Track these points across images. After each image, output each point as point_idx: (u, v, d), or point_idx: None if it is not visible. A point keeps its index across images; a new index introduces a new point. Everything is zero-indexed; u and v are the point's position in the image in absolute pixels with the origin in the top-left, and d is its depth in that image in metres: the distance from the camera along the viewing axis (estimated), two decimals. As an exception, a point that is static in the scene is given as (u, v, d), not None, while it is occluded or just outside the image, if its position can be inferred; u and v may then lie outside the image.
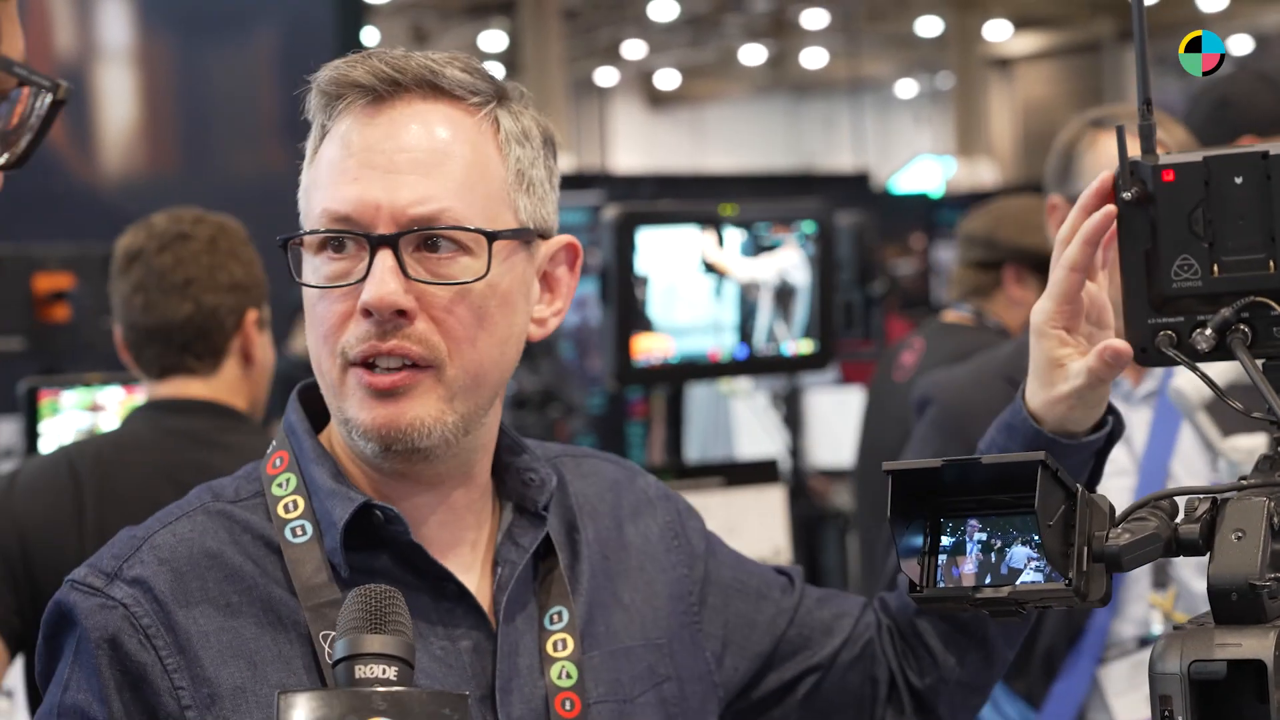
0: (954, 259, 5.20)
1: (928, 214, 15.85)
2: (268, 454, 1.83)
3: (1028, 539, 1.46)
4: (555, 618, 1.82)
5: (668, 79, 32.48)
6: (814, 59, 30.39)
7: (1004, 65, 31.68)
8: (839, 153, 31.81)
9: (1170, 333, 1.62)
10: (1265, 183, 1.58)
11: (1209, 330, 1.59)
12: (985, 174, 26.74)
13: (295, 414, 1.83)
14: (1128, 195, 1.66)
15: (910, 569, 1.49)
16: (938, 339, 4.85)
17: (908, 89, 34.35)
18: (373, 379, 1.71)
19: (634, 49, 29.40)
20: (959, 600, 1.48)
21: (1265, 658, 1.38)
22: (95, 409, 3.93)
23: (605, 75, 31.86)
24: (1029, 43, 30.73)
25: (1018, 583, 1.46)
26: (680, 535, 2.01)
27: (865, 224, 7.34)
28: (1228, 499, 1.47)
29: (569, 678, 1.79)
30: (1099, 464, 1.91)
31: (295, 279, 1.76)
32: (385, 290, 1.69)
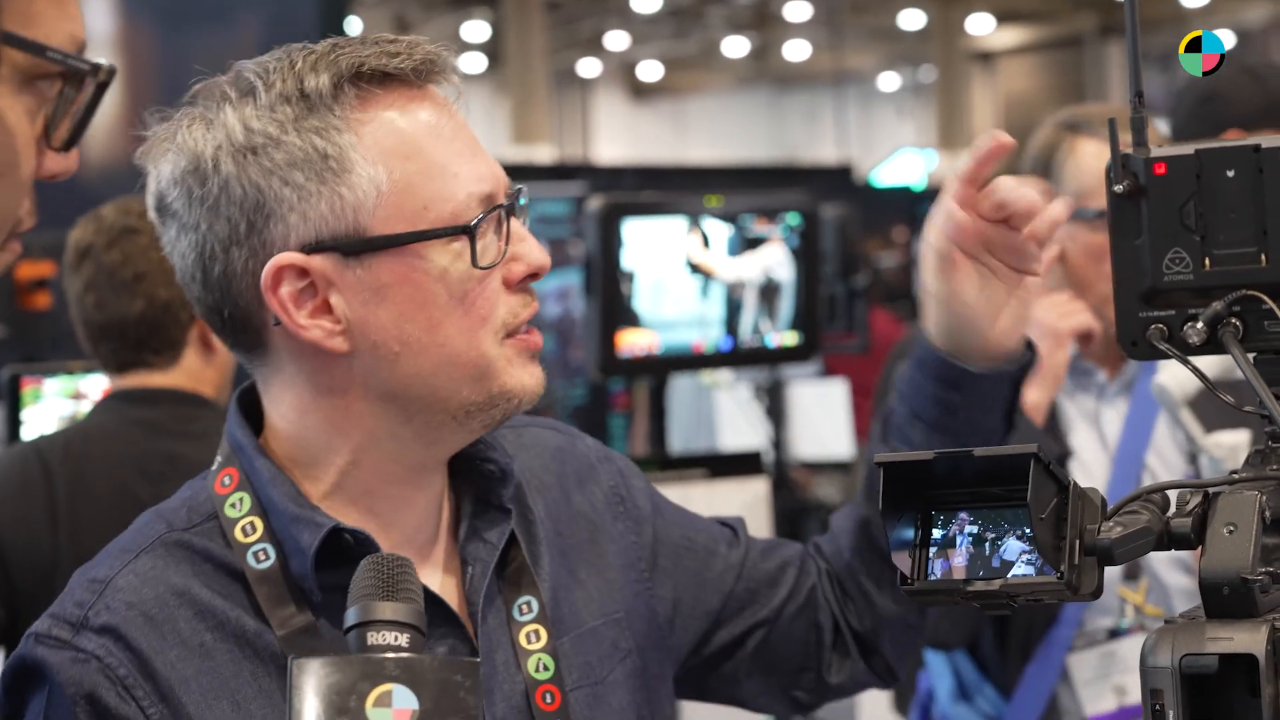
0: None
1: (910, 207, 15.85)
2: (213, 472, 1.77)
3: (1019, 532, 1.45)
4: (524, 608, 1.80)
5: (650, 70, 32.48)
6: (797, 51, 30.40)
7: (986, 59, 31.72)
8: (821, 145, 31.84)
9: (1161, 326, 1.62)
10: (1257, 176, 1.58)
11: (1200, 324, 1.59)
12: (967, 167, 26.75)
13: (240, 430, 1.76)
14: (1119, 188, 1.65)
15: (901, 561, 1.49)
16: None
17: (890, 82, 34.38)
18: (533, 338, 1.74)
19: (617, 40, 29.39)
20: (950, 593, 1.47)
21: (1257, 652, 1.38)
22: (78, 397, 3.91)
23: (588, 66, 31.86)
24: (1011, 36, 30.77)
25: (1009, 575, 1.45)
26: (625, 499, 1.99)
27: (848, 217, 7.35)
28: (1219, 493, 1.47)
29: (546, 670, 1.78)
30: (1016, 397, 1.97)
31: (477, 268, 1.69)
32: (544, 250, 1.74)
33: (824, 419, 7.65)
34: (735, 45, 30.07)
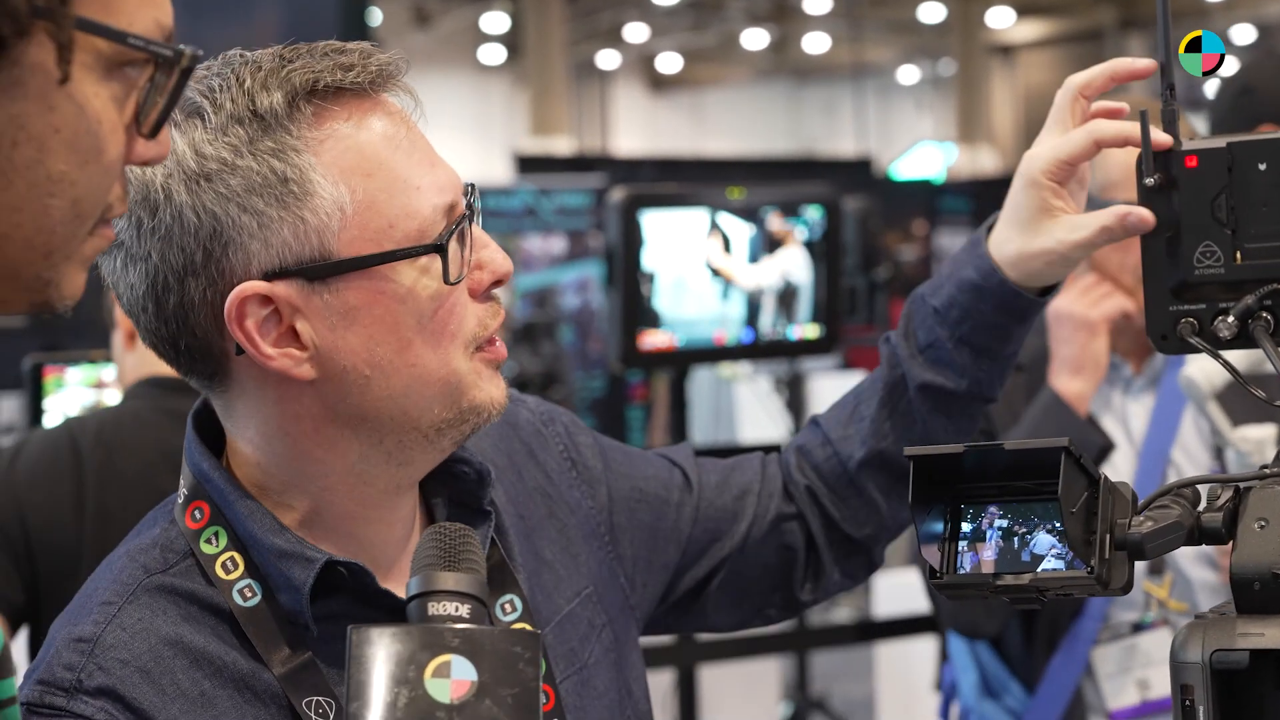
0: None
1: (929, 200, 15.85)
2: (180, 504, 1.69)
3: (1049, 526, 1.45)
4: (508, 607, 1.75)
5: (669, 62, 32.45)
6: (816, 44, 30.36)
7: (1006, 52, 31.66)
8: (840, 138, 31.80)
9: (1192, 320, 1.62)
10: None
11: (1231, 318, 1.58)
12: (986, 161, 26.72)
13: (205, 459, 1.69)
14: (1150, 181, 1.65)
15: (930, 555, 1.48)
16: None
17: (910, 75, 34.33)
18: (498, 350, 1.68)
19: (636, 32, 29.37)
20: (979, 587, 1.46)
21: (1288, 648, 1.37)
22: (100, 385, 3.93)
23: (607, 58, 31.83)
24: (1031, 30, 30.71)
25: (1039, 570, 1.45)
26: (577, 462, 1.94)
27: (869, 210, 7.34)
28: (1250, 488, 1.46)
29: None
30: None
31: (448, 282, 1.62)
32: (506, 256, 1.68)
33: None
34: (754, 38, 30.03)
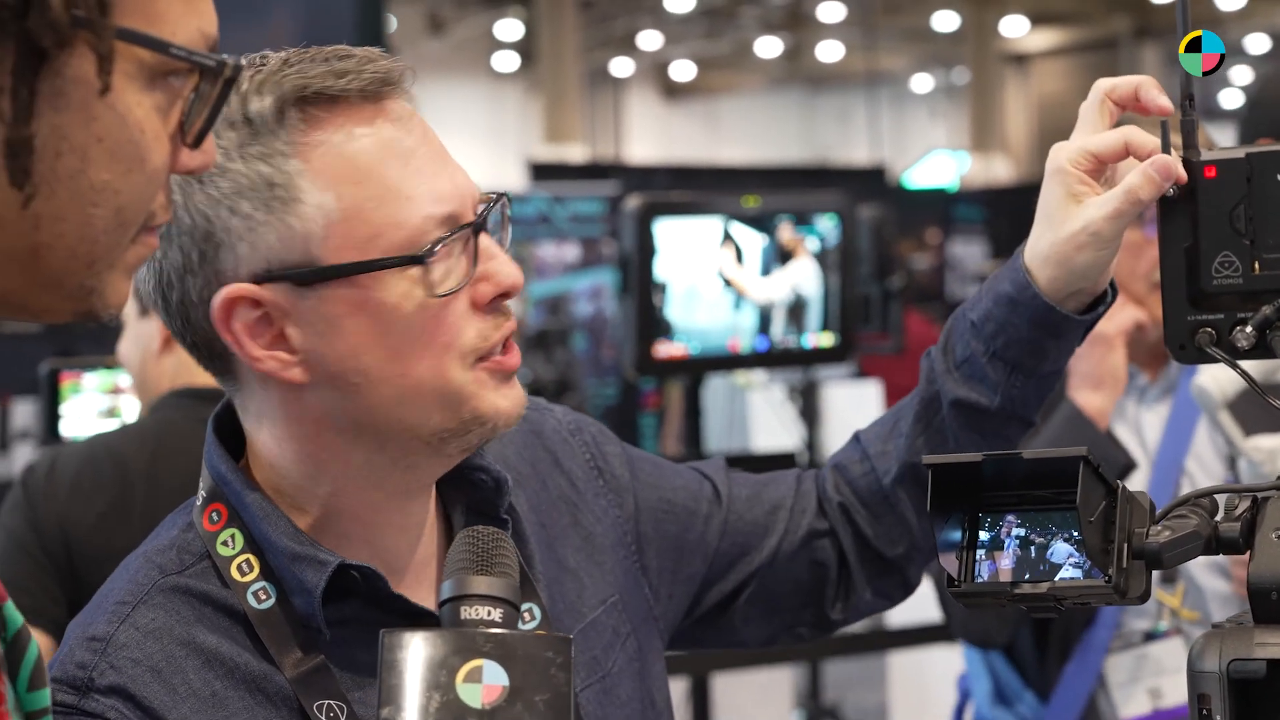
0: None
1: (944, 209, 15.88)
2: (198, 506, 1.70)
3: (1067, 535, 1.45)
4: (526, 615, 1.72)
5: (683, 70, 32.47)
6: (830, 52, 30.37)
7: (1020, 61, 31.66)
8: (854, 146, 31.81)
9: (1210, 330, 1.62)
10: None
11: (1249, 328, 1.59)
12: (1000, 169, 26.73)
13: (222, 460, 1.70)
14: (1170, 191, 1.66)
15: (949, 563, 1.49)
16: None
17: (923, 83, 34.33)
18: (509, 359, 1.66)
19: (650, 40, 29.39)
20: (997, 595, 1.47)
21: (1306, 657, 1.38)
22: (116, 391, 3.94)
23: (621, 66, 31.85)
24: (1045, 38, 30.71)
25: (1056, 578, 1.45)
26: (604, 471, 1.93)
27: (884, 218, 7.34)
28: (1268, 498, 1.47)
29: None
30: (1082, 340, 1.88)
31: (434, 296, 1.60)
32: (516, 268, 1.66)
33: (858, 420, 7.64)
34: (768, 45, 30.04)
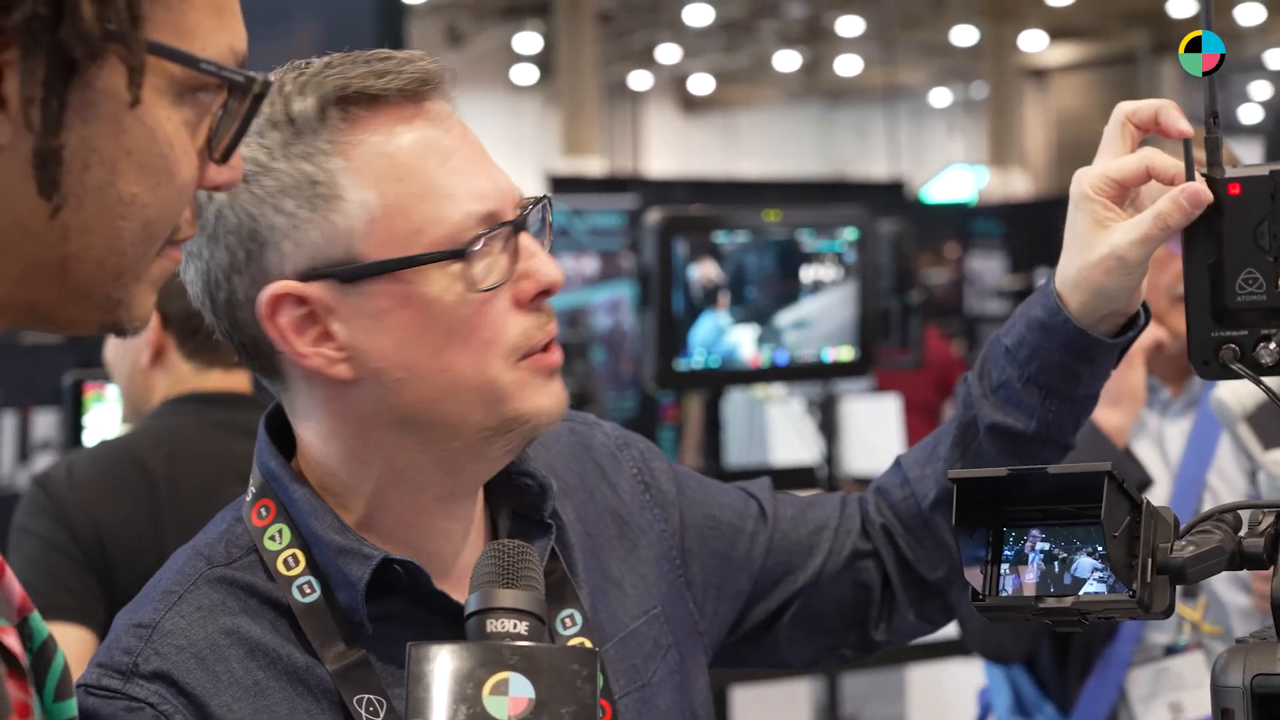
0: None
1: (961, 224, 15.86)
2: (248, 502, 1.72)
3: (1091, 549, 1.46)
4: (568, 621, 1.74)
5: (701, 84, 32.50)
6: (848, 66, 30.39)
7: (1039, 75, 31.65)
8: (872, 161, 31.80)
9: (1234, 346, 1.62)
10: None
11: (1273, 344, 1.59)
12: (1018, 184, 26.71)
13: (273, 457, 1.71)
14: (1194, 210, 1.66)
15: (973, 577, 1.49)
16: None
17: (942, 98, 34.33)
18: (551, 356, 1.67)
19: (668, 53, 29.42)
20: (1021, 610, 1.47)
21: (1330, 673, 1.38)
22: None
23: (639, 79, 31.88)
24: (1064, 53, 30.69)
25: (1080, 593, 1.46)
26: (651, 485, 1.94)
27: (903, 232, 7.34)
28: (1292, 513, 1.47)
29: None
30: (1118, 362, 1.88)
31: (476, 291, 1.62)
32: (557, 266, 1.68)
33: (877, 434, 7.64)
34: (786, 59, 30.06)
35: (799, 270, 4.69)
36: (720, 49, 29.45)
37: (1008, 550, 1.49)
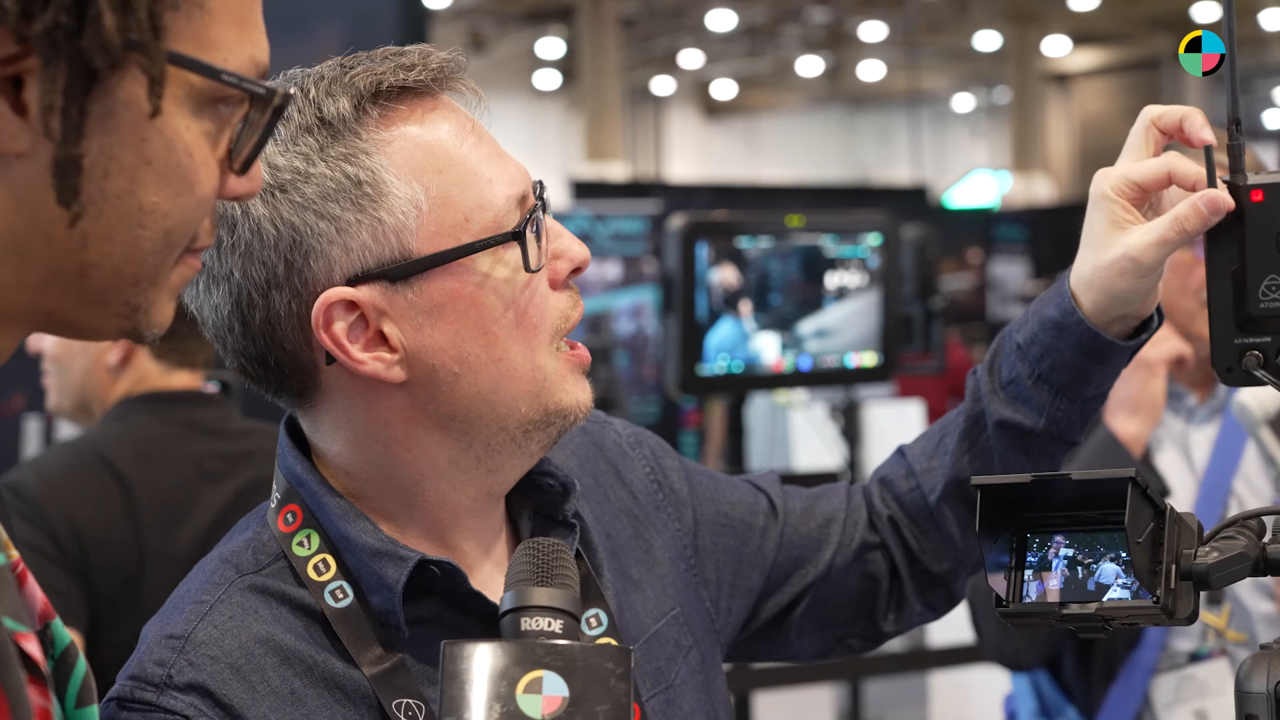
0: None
1: (984, 229, 15.84)
2: (273, 508, 1.70)
3: (1115, 555, 1.46)
4: (593, 621, 1.74)
5: (724, 89, 32.50)
6: (871, 71, 30.36)
7: (1062, 80, 31.59)
8: (895, 166, 31.77)
9: (1257, 353, 1.62)
10: None
11: (1297, 351, 1.59)
12: (1041, 189, 26.66)
13: (299, 462, 1.69)
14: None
15: (996, 584, 1.49)
16: None
17: (965, 103, 34.28)
18: (581, 354, 1.70)
19: (691, 58, 29.42)
20: (1045, 616, 1.47)
21: (1353, 679, 1.38)
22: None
23: (662, 84, 31.89)
24: (1087, 58, 30.63)
25: (1104, 599, 1.46)
26: (664, 485, 1.94)
27: (927, 238, 7.33)
28: (1316, 520, 1.47)
29: None
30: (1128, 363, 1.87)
31: (528, 270, 1.64)
32: (583, 244, 1.69)
33: (899, 440, 7.63)
34: (809, 64, 30.05)
35: (823, 276, 4.68)
36: (743, 54, 29.44)
37: (1031, 556, 1.49)
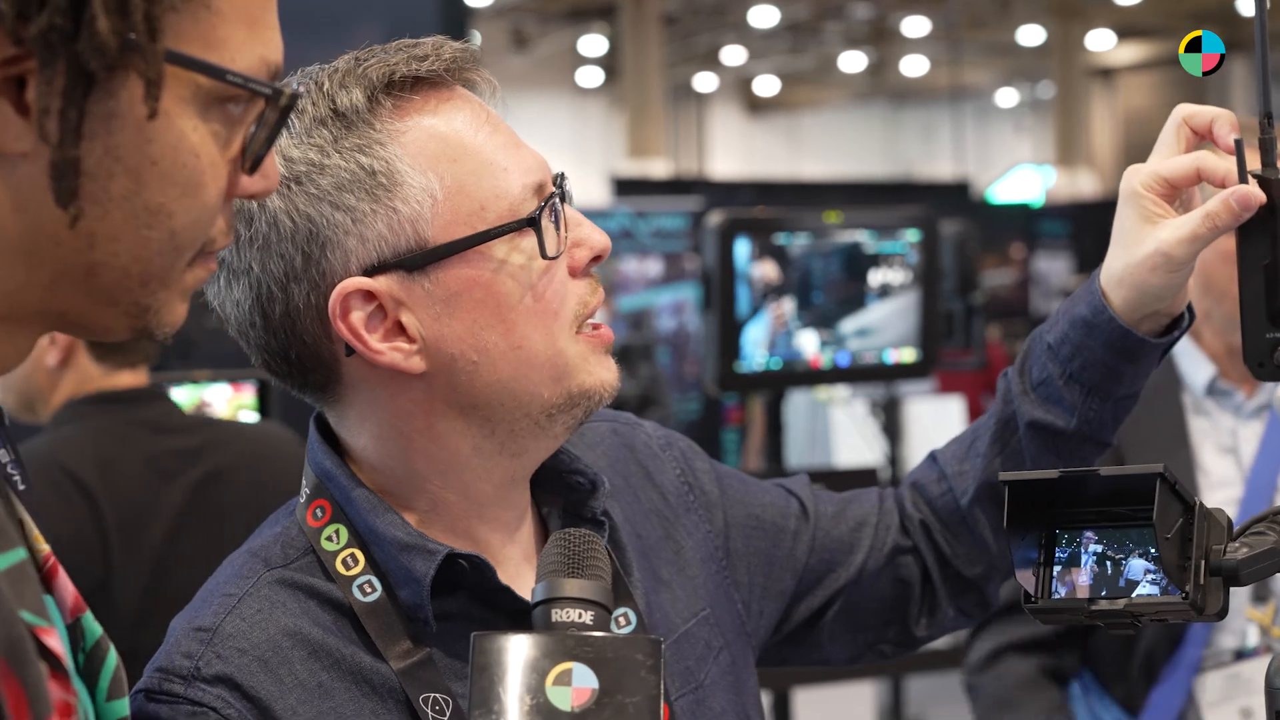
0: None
1: (1027, 224, 15.80)
2: (302, 504, 1.71)
3: (1144, 551, 1.45)
4: (622, 620, 1.73)
5: (766, 85, 32.47)
6: (914, 66, 30.30)
7: (1106, 75, 31.47)
8: (937, 161, 31.70)
9: (1289, 348, 1.61)
10: None
11: (1328, 345, 1.58)
12: (1085, 184, 26.57)
13: (329, 458, 1.69)
14: (1247, 211, 1.65)
15: (1025, 580, 1.49)
16: None
17: (1008, 98, 34.18)
18: (603, 334, 1.70)
19: (733, 55, 29.41)
20: (1074, 612, 1.47)
21: (1383, 676, 1.37)
22: (202, 406, 3.96)
23: (704, 81, 31.89)
24: (1132, 53, 30.51)
25: (1133, 595, 1.45)
26: (694, 486, 1.93)
27: (968, 233, 7.31)
28: (1347, 514, 1.46)
29: None
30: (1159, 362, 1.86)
31: (545, 257, 1.64)
32: (603, 232, 1.69)
33: (940, 436, 7.62)
34: (852, 60, 30.00)
35: (866, 274, 4.67)
36: (785, 50, 29.41)
37: (1060, 552, 1.49)
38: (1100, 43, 28.67)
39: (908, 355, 4.74)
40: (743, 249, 4.47)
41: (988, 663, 3.24)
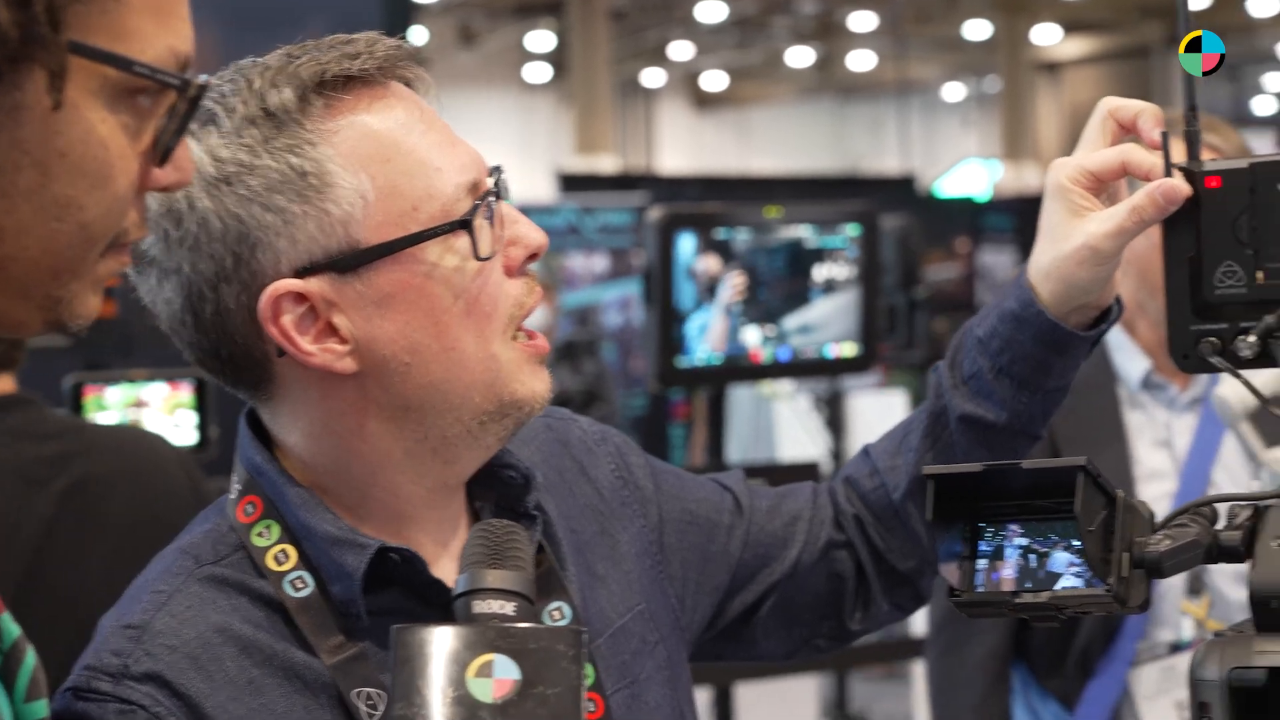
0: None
1: (973, 218, 15.84)
2: (232, 499, 1.69)
3: (1068, 544, 1.46)
4: (556, 614, 1.72)
5: (714, 80, 32.50)
6: (861, 61, 30.37)
7: (1052, 69, 31.61)
8: (885, 156, 31.78)
9: (1214, 339, 1.62)
10: None
11: (1253, 337, 1.59)
12: (1031, 178, 26.66)
13: (259, 453, 1.68)
14: (1171, 203, 1.66)
15: (949, 573, 1.49)
16: None
17: (955, 92, 34.30)
18: (538, 344, 1.68)
19: (681, 50, 29.42)
20: (998, 605, 1.47)
21: (1306, 666, 1.38)
22: (139, 405, 3.94)
23: (652, 76, 31.88)
24: (1077, 47, 30.65)
25: (1057, 587, 1.46)
26: (629, 481, 1.93)
27: (910, 228, 7.34)
28: (1269, 506, 1.47)
29: (587, 676, 1.71)
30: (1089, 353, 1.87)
31: (479, 258, 1.62)
32: (539, 229, 1.68)
33: (884, 429, 7.65)
34: (799, 55, 30.05)
35: (810, 270, 4.68)
36: (733, 46, 29.44)
37: (984, 545, 1.49)
38: (1046, 37, 28.80)
39: (848, 350, 4.74)
40: (687, 244, 4.46)
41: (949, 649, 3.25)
